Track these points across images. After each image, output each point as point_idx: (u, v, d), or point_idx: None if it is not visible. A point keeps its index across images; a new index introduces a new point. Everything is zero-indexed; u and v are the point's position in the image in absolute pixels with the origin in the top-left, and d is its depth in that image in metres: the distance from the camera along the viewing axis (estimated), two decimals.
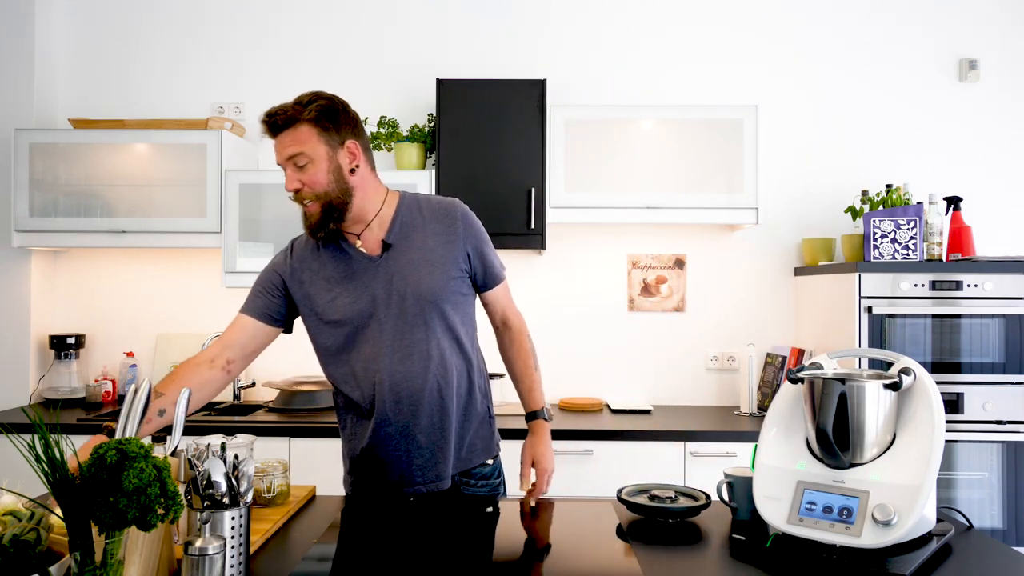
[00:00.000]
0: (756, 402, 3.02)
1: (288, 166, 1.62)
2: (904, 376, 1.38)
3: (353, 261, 1.70)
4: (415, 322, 1.67)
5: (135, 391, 1.39)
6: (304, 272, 1.72)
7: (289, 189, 1.64)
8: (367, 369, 1.67)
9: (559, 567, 1.34)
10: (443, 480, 1.71)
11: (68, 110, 3.29)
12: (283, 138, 1.62)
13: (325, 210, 1.63)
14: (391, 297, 1.66)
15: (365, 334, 1.67)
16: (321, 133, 1.61)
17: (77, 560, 0.97)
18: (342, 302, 1.68)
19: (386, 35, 3.32)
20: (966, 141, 3.25)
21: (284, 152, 1.62)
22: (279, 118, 1.61)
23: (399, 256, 1.68)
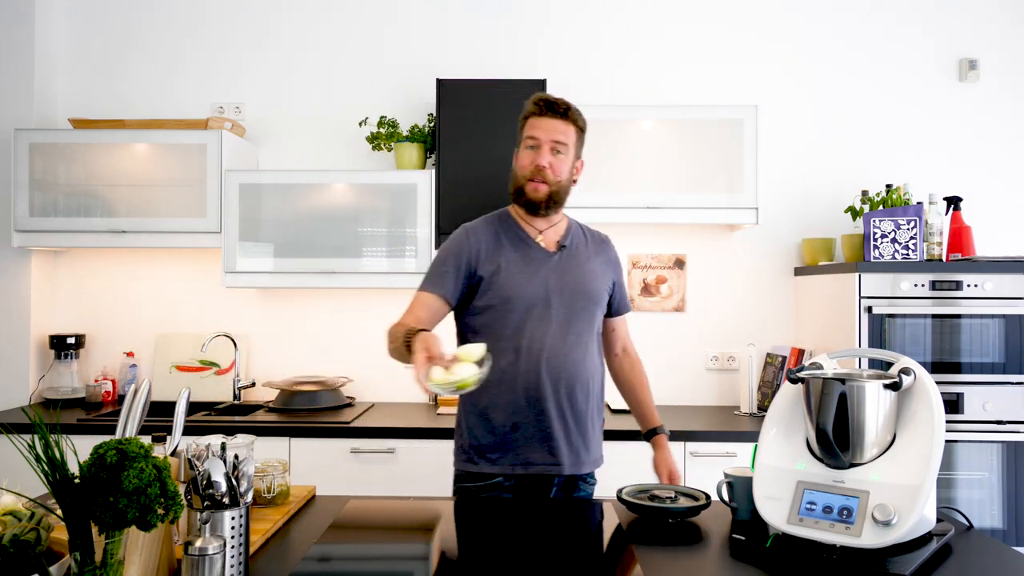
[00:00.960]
0: (756, 402, 3.02)
1: (546, 146, 1.83)
2: (904, 376, 1.38)
3: (533, 251, 1.88)
4: (580, 316, 1.86)
5: (135, 391, 1.39)
6: (487, 253, 1.87)
7: (538, 164, 1.83)
8: (531, 348, 1.80)
9: (558, 567, 1.34)
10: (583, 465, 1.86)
11: (68, 110, 3.29)
12: (557, 123, 1.84)
13: (551, 196, 1.85)
14: (563, 289, 1.85)
15: (534, 315, 1.82)
16: (578, 139, 1.89)
17: (77, 560, 0.97)
18: (519, 282, 1.83)
19: (386, 35, 3.32)
20: (966, 141, 3.25)
21: (553, 135, 1.83)
22: (565, 107, 1.85)
23: (571, 259, 1.91)
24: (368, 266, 2.95)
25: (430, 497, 1.81)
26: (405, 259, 2.94)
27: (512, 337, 1.81)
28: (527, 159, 1.85)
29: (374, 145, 3.15)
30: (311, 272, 2.95)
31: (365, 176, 2.98)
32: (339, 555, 1.41)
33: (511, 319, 1.81)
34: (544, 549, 1.42)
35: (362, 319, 3.28)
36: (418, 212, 2.94)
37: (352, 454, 2.65)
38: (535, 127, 1.85)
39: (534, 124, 1.86)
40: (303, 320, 3.28)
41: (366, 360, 3.26)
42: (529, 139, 1.85)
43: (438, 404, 3.10)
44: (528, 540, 1.47)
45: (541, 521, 1.59)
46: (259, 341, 3.28)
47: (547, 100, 1.86)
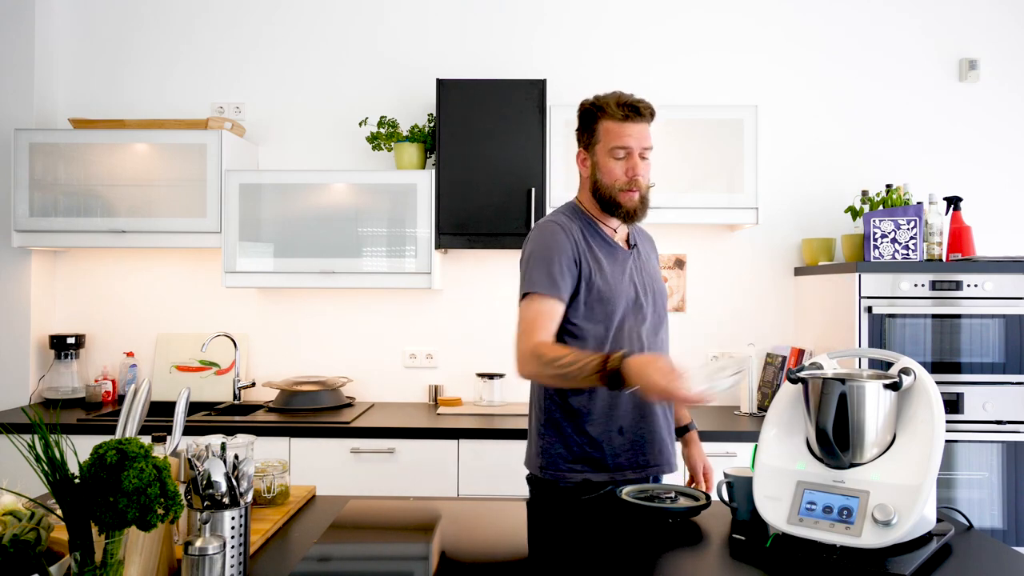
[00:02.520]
0: (756, 402, 3.02)
1: (637, 153, 1.78)
2: (904, 376, 1.38)
3: (615, 250, 1.85)
4: (663, 313, 1.90)
5: (135, 391, 1.39)
6: (584, 250, 1.80)
7: (635, 175, 1.77)
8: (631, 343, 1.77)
9: (558, 567, 1.34)
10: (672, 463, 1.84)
11: (68, 110, 3.29)
12: (642, 128, 1.80)
13: (643, 201, 1.81)
14: (646, 286, 1.85)
15: (632, 313, 1.80)
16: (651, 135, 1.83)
17: (77, 560, 0.97)
18: (614, 279, 1.79)
19: (386, 35, 3.32)
20: (966, 141, 3.25)
21: (644, 141, 1.80)
22: (649, 109, 1.81)
23: (639, 255, 1.90)
24: (368, 266, 2.95)
25: (430, 497, 1.81)
26: (405, 259, 2.94)
27: (617, 337, 1.76)
28: (618, 170, 1.77)
29: (374, 145, 3.15)
30: (311, 272, 2.95)
31: (365, 176, 2.98)
32: (339, 555, 1.41)
33: (614, 318, 1.76)
34: (545, 549, 1.42)
35: (362, 319, 3.28)
36: (418, 212, 2.94)
37: (352, 454, 2.65)
38: (623, 135, 1.76)
39: (620, 132, 1.76)
40: (303, 320, 3.28)
41: (366, 360, 3.26)
42: (619, 149, 1.76)
43: (438, 404, 3.10)
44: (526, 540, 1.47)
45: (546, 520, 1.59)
46: (259, 341, 3.28)
47: (632, 104, 1.78)
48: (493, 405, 3.07)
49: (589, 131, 1.82)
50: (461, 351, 3.26)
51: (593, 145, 1.82)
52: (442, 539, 1.49)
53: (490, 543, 1.49)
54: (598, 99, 1.81)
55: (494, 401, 3.09)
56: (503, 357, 3.23)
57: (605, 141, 1.78)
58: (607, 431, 1.76)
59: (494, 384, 3.11)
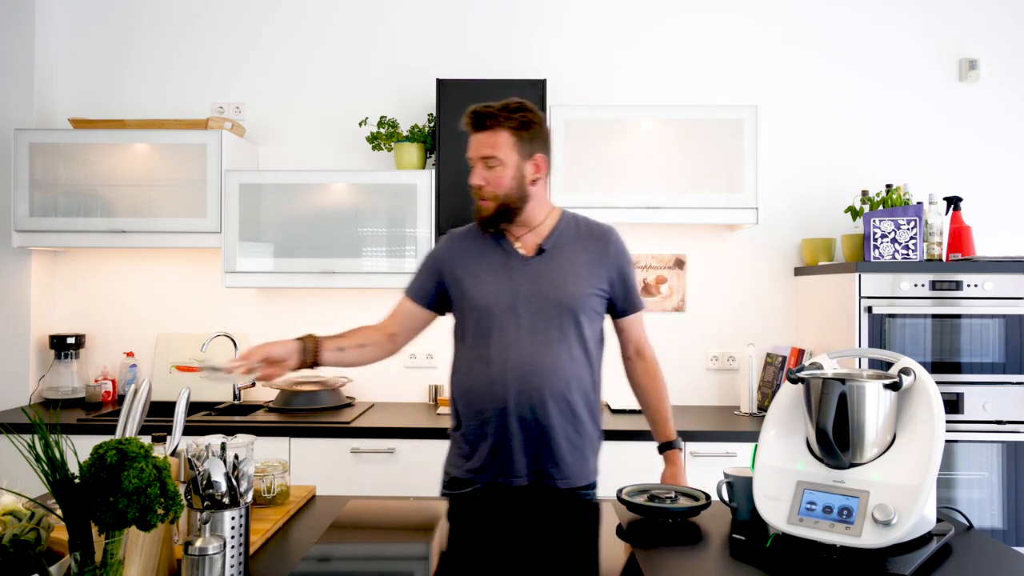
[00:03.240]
0: (756, 402, 3.02)
1: (478, 163, 1.78)
2: (904, 376, 1.38)
3: (509, 258, 1.82)
4: (551, 324, 1.77)
5: (135, 391, 1.39)
6: (460, 260, 1.85)
7: (473, 184, 1.79)
8: (497, 359, 1.75)
9: (559, 567, 1.34)
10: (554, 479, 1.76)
11: (68, 110, 3.29)
12: (482, 138, 1.78)
13: (499, 210, 1.78)
14: (534, 296, 1.77)
15: (501, 324, 1.76)
16: (517, 142, 1.77)
17: (77, 560, 0.97)
18: (488, 290, 1.79)
19: (386, 35, 3.32)
20: (966, 141, 3.25)
21: (480, 151, 1.78)
22: (487, 120, 1.76)
23: (550, 261, 1.81)
24: (368, 266, 2.95)
25: (430, 497, 1.81)
26: (405, 259, 2.94)
27: (481, 347, 1.78)
28: (471, 180, 1.81)
29: (374, 145, 3.15)
30: (311, 272, 2.95)
31: (365, 176, 2.98)
32: (339, 555, 1.41)
33: (479, 328, 1.78)
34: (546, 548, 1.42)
35: (362, 319, 3.26)
36: (418, 212, 2.94)
37: (352, 454, 2.65)
38: (469, 145, 1.81)
39: (469, 142, 1.82)
40: (303, 320, 3.28)
41: None
42: (468, 159, 1.82)
43: (438, 404, 3.10)
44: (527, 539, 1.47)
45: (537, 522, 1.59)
46: (259, 341, 3.26)
47: (472, 114, 1.79)
48: None
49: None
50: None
51: None
52: (442, 539, 1.49)
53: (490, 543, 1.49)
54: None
55: None
56: None
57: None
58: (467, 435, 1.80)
59: None
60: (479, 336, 1.79)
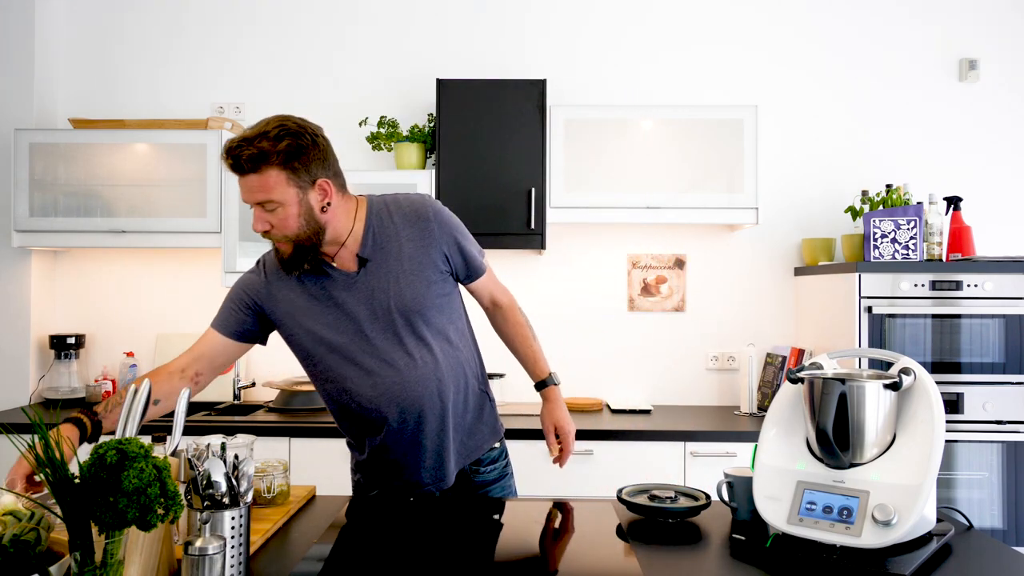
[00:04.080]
0: (756, 402, 3.02)
1: (256, 209, 1.56)
2: (904, 376, 1.38)
3: (331, 280, 1.65)
4: (404, 333, 1.64)
5: (135, 391, 1.39)
6: (281, 291, 1.68)
7: (257, 230, 1.59)
8: (364, 385, 1.65)
9: (559, 567, 1.34)
10: (448, 479, 1.73)
11: (68, 110, 3.29)
12: (249, 181, 1.52)
13: (297, 249, 1.59)
14: (376, 312, 1.63)
15: (356, 351, 1.64)
16: (291, 177, 1.53)
17: (77, 560, 0.97)
18: (326, 320, 1.64)
19: (386, 35, 3.32)
20: (966, 141, 3.25)
21: (252, 197, 1.54)
22: (244, 162, 1.50)
23: (377, 269, 1.64)
24: None
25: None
26: None
27: (340, 378, 1.66)
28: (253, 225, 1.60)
29: (374, 145, 3.15)
30: None
31: (365, 176, 2.98)
32: (339, 555, 1.41)
33: (330, 360, 1.65)
34: (546, 548, 1.42)
35: None
36: None
37: None
38: (239, 187, 1.56)
39: (239, 185, 1.56)
40: None
41: None
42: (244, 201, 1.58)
43: None
44: (527, 539, 1.47)
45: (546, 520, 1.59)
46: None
47: (230, 155, 1.51)
48: None
49: None
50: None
51: None
52: (441, 539, 1.49)
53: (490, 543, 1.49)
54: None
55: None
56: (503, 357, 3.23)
57: None
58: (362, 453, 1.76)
59: (494, 384, 3.11)
60: (332, 368, 1.66)
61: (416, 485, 1.72)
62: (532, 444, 2.61)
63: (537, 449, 2.62)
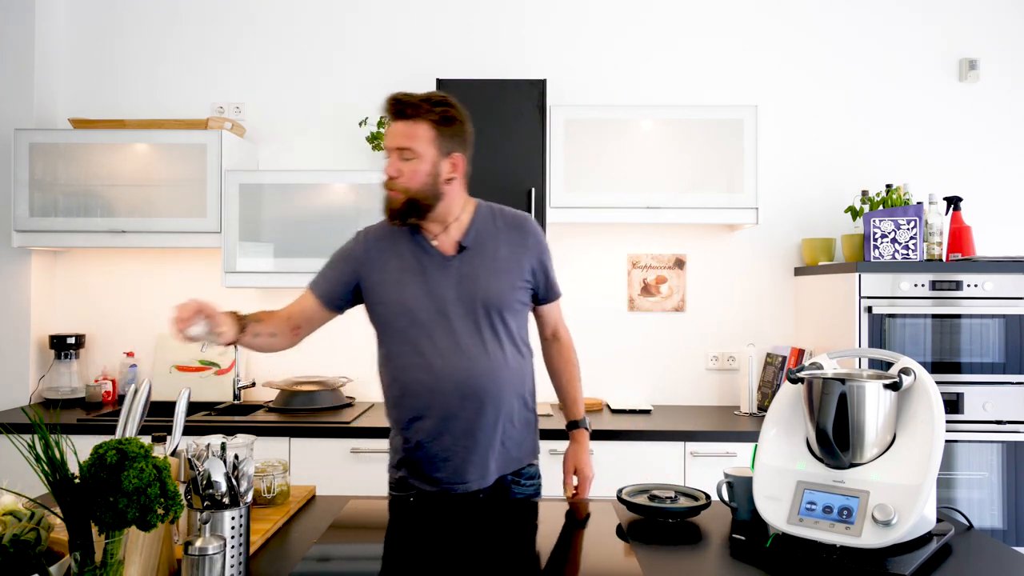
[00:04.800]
0: (756, 402, 3.02)
1: (393, 154, 1.70)
2: (904, 376, 1.38)
3: (428, 257, 1.76)
4: (483, 324, 1.73)
5: (135, 391, 1.39)
6: (378, 261, 1.78)
7: (388, 173, 1.71)
8: (435, 363, 1.71)
9: (559, 567, 1.34)
10: (488, 479, 1.75)
11: (68, 110, 3.29)
12: (400, 127, 1.69)
13: (408, 204, 1.71)
14: (461, 297, 1.73)
15: (435, 328, 1.72)
16: (436, 137, 1.69)
17: (77, 560, 0.97)
18: (414, 293, 1.73)
19: (386, 35, 3.32)
20: (966, 141, 3.25)
21: (396, 141, 1.69)
22: (406, 106, 1.68)
23: (472, 259, 1.75)
24: None
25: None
26: None
27: (411, 352, 1.72)
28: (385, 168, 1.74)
29: (374, 145, 3.15)
30: (311, 272, 2.90)
31: (365, 176, 2.98)
32: (339, 555, 1.41)
33: (407, 333, 1.72)
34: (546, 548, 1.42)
35: (362, 319, 3.27)
36: None
37: (352, 454, 2.65)
38: (386, 133, 1.73)
39: (386, 130, 1.73)
40: None
41: (366, 360, 3.24)
42: (385, 148, 1.74)
43: None
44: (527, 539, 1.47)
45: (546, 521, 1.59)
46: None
47: (392, 101, 1.69)
48: None
49: None
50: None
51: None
52: (441, 539, 1.49)
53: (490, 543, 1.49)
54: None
55: None
56: None
57: None
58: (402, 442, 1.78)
59: None
60: (408, 341, 1.73)
61: (459, 480, 1.73)
62: None
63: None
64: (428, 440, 1.73)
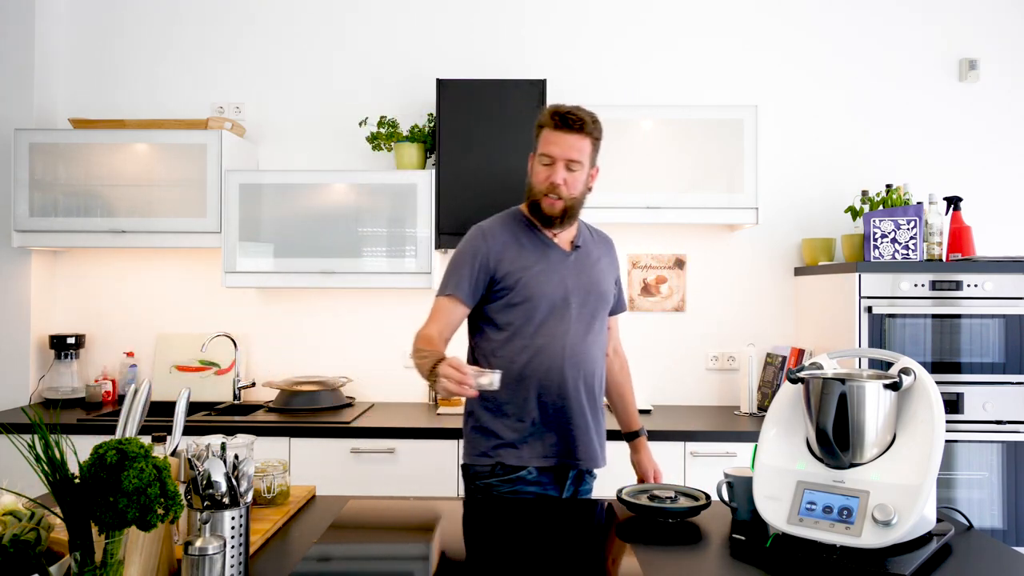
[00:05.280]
0: (756, 402, 3.02)
1: (560, 163, 1.83)
2: (904, 376, 1.38)
3: (550, 250, 1.92)
4: (595, 315, 1.93)
5: (135, 391, 1.39)
6: (505, 253, 1.89)
7: (554, 181, 1.83)
8: (553, 346, 1.84)
9: (559, 567, 1.34)
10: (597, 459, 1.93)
11: (68, 110, 3.29)
12: (571, 139, 1.83)
13: (566, 210, 1.87)
14: (580, 287, 1.90)
15: (556, 314, 1.86)
16: (592, 151, 1.88)
17: (77, 560, 0.97)
18: (540, 281, 1.86)
19: (386, 35, 3.32)
20: (966, 141, 3.25)
21: (568, 153, 1.83)
22: (575, 121, 1.82)
23: (584, 258, 1.96)
24: (368, 266, 2.95)
25: (430, 497, 1.81)
26: (405, 259, 2.94)
27: (535, 335, 1.85)
28: (543, 175, 1.86)
29: (374, 145, 3.15)
30: (311, 272, 2.95)
31: (365, 176, 2.98)
32: (339, 555, 1.41)
33: (534, 318, 1.85)
34: (546, 549, 1.42)
35: (362, 319, 3.28)
36: (418, 212, 2.94)
37: (352, 454, 2.65)
38: (550, 143, 1.84)
39: (549, 139, 1.85)
40: (303, 320, 3.28)
41: (366, 360, 3.26)
42: (545, 155, 1.85)
43: (438, 404, 3.10)
44: (528, 540, 1.47)
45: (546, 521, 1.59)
46: (259, 341, 3.28)
47: (563, 114, 1.83)
48: None
49: (535, 138, 1.92)
50: (461, 351, 3.24)
51: (534, 151, 1.91)
52: (442, 539, 1.49)
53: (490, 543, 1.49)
54: (546, 108, 1.90)
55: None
56: None
57: (539, 147, 1.88)
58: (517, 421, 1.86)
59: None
60: (530, 325, 1.85)
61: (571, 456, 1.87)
62: None
63: None
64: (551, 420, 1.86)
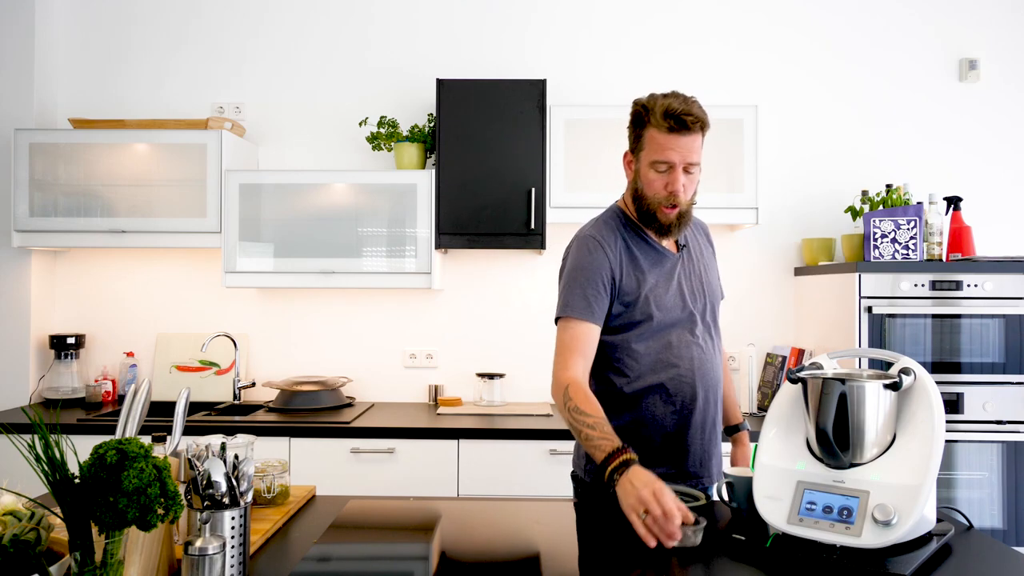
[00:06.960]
0: (756, 402, 3.02)
1: (679, 168, 1.65)
2: (904, 376, 1.38)
3: (661, 256, 1.75)
4: (712, 320, 1.79)
5: (135, 391, 1.39)
6: (625, 265, 1.73)
7: (675, 191, 1.65)
8: (680, 360, 1.70)
9: (558, 567, 1.34)
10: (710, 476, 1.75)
11: (68, 110, 3.29)
12: (687, 141, 1.64)
13: (680, 218, 1.70)
14: (694, 290, 1.76)
15: (680, 326, 1.72)
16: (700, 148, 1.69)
17: (77, 560, 0.97)
18: (660, 293, 1.71)
19: (386, 35, 3.32)
20: (966, 141, 3.25)
21: (688, 157, 1.65)
22: (693, 121, 1.63)
23: (690, 258, 1.80)
24: (368, 266, 2.95)
25: (430, 497, 1.81)
26: (405, 259, 2.94)
27: (661, 350, 1.70)
28: (659, 183, 1.66)
29: (374, 145, 3.15)
30: (311, 272, 2.95)
31: (365, 176, 2.98)
32: (339, 555, 1.41)
33: (660, 334, 1.70)
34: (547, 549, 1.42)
35: (362, 319, 3.28)
36: (418, 212, 2.94)
37: (352, 454, 2.65)
38: (667, 148, 1.64)
39: (665, 144, 1.64)
40: (303, 320, 3.28)
41: (366, 360, 3.26)
42: (660, 163, 1.65)
43: (438, 404, 3.10)
44: (529, 540, 1.47)
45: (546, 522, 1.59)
46: (259, 341, 3.28)
47: (677, 116, 1.62)
48: (493, 405, 3.07)
49: (636, 135, 1.72)
50: (461, 351, 3.26)
51: (638, 151, 1.72)
52: (442, 539, 1.49)
53: (490, 543, 1.49)
54: (648, 103, 1.68)
55: (494, 401, 3.10)
56: (503, 357, 3.24)
57: (648, 151, 1.68)
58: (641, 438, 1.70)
59: (494, 384, 3.11)
60: (655, 338, 1.70)
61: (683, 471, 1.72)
62: (532, 444, 2.62)
63: (538, 449, 2.62)
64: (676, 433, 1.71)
